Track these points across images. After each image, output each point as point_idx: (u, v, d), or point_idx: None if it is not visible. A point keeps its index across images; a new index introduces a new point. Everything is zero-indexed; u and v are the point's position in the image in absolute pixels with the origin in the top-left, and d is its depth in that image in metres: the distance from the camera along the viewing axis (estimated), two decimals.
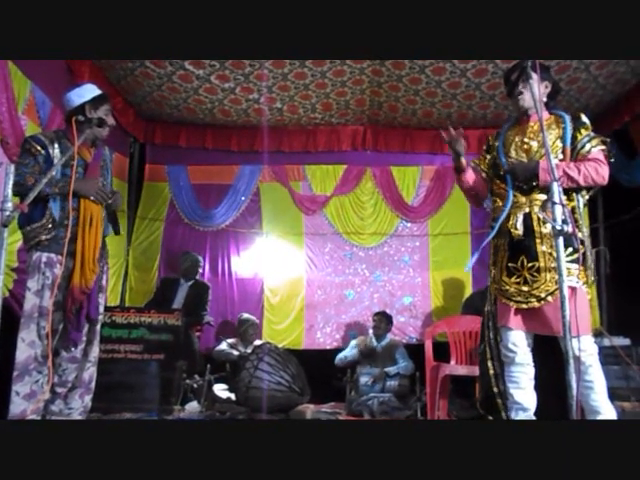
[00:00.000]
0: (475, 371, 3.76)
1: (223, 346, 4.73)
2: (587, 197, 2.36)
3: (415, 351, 4.67)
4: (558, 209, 1.82)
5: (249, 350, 4.52)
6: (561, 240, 1.82)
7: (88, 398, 2.61)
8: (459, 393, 4.07)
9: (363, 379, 4.40)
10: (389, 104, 5.07)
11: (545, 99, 2.37)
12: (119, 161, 5.07)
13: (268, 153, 5.35)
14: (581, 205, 2.32)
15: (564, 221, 1.78)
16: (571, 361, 1.67)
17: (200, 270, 5.06)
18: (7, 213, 1.77)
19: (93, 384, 2.63)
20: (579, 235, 2.18)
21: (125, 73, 4.45)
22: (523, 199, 2.33)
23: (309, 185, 5.59)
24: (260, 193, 5.57)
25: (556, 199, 1.84)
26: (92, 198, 2.48)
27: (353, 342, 4.84)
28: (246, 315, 4.96)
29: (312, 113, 5.24)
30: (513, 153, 2.42)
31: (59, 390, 2.52)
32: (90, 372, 2.60)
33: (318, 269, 5.50)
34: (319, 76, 4.53)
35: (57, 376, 2.48)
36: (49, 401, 2.48)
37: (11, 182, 1.80)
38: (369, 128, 5.57)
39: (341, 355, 4.78)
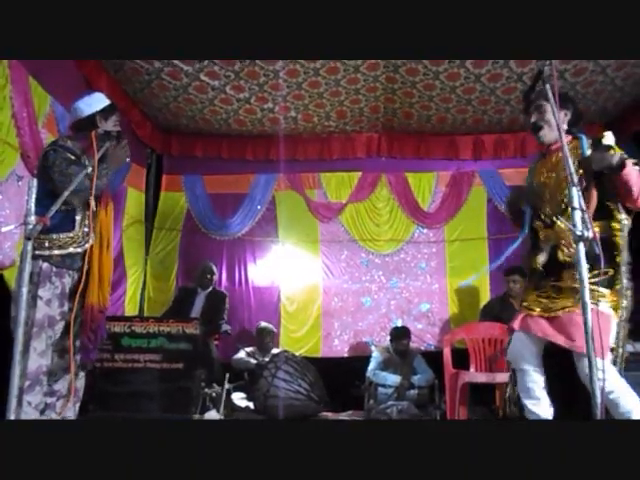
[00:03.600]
0: (494, 378, 3.74)
1: (241, 354, 4.74)
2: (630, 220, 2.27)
3: (433, 358, 4.63)
4: (577, 214, 1.80)
5: (267, 359, 4.53)
6: (582, 246, 1.80)
7: (77, 406, 2.60)
8: (478, 401, 4.03)
9: (381, 387, 4.37)
10: (403, 110, 5.07)
11: (565, 126, 2.33)
12: (137, 172, 5.14)
13: (283, 162, 5.37)
14: (625, 229, 2.25)
15: (584, 227, 1.76)
16: (593, 379, 1.63)
17: (215, 278, 5.05)
18: (30, 226, 1.80)
19: (81, 392, 2.61)
20: (617, 260, 2.16)
21: (142, 85, 4.51)
22: (549, 231, 2.31)
23: (324, 193, 5.61)
24: (276, 202, 5.59)
25: (575, 204, 1.82)
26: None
27: (375, 353, 4.79)
28: (264, 324, 4.97)
29: (327, 121, 5.26)
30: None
31: (49, 400, 2.48)
32: (82, 381, 2.59)
33: (334, 276, 5.50)
34: (333, 84, 4.55)
35: (47, 385, 2.44)
36: (40, 411, 2.44)
37: (34, 195, 1.83)
38: (383, 135, 5.57)
39: (370, 371, 4.66)
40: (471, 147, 5.50)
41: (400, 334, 4.67)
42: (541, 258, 2.30)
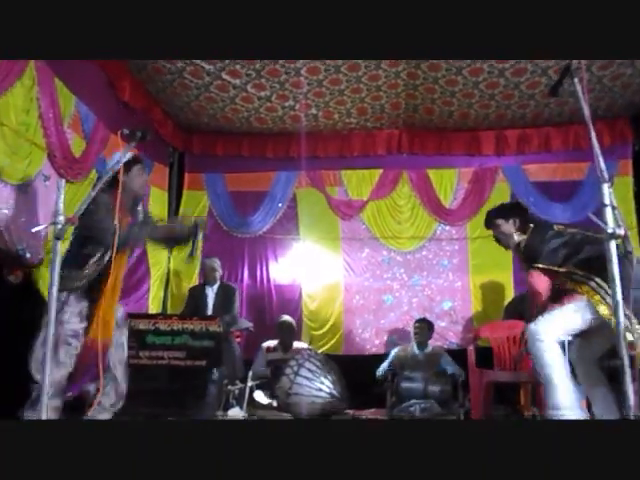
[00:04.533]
0: (520, 378, 3.69)
1: (259, 363, 4.71)
2: None
3: (456, 357, 4.59)
4: (609, 211, 1.77)
5: (288, 353, 4.55)
6: (613, 244, 1.76)
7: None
8: (503, 399, 3.98)
9: (404, 385, 4.34)
10: (425, 107, 5.03)
11: (516, 236, 2.83)
12: (159, 171, 5.19)
13: (304, 159, 5.38)
14: None
15: (617, 225, 1.72)
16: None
17: (218, 274, 4.98)
18: (59, 226, 1.83)
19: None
20: None
21: (164, 85, 4.55)
22: None
23: (345, 190, 5.59)
24: (296, 199, 5.60)
25: (606, 201, 1.79)
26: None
27: (392, 353, 4.78)
28: (284, 317, 4.98)
29: (347, 118, 5.24)
30: None
31: None
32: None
33: (356, 274, 5.49)
34: (354, 81, 4.53)
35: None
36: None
37: (62, 196, 1.86)
38: (405, 131, 5.53)
39: (380, 369, 4.71)
40: (494, 143, 5.42)
41: (421, 323, 4.74)
42: None
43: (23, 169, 3.11)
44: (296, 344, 4.80)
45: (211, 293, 4.90)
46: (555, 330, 2.53)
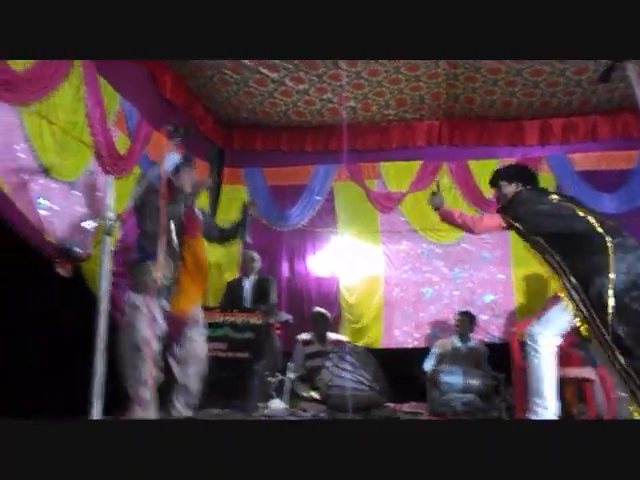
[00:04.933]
0: (566, 373, 3.58)
1: (297, 353, 4.73)
2: None
3: (498, 351, 4.51)
4: None
5: (325, 346, 4.57)
6: None
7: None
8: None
9: (444, 378, 4.30)
10: (466, 96, 4.93)
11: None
12: (200, 166, 5.24)
13: (343, 152, 5.35)
14: None
15: None
16: None
17: (257, 265, 4.99)
18: (109, 222, 1.88)
19: None
20: None
21: (204, 81, 4.61)
22: None
23: (384, 182, 5.55)
24: (335, 192, 5.59)
25: None
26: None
27: (434, 349, 4.73)
28: (317, 309, 4.98)
29: (386, 110, 5.19)
30: None
31: None
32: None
33: (395, 267, 5.45)
34: (393, 72, 4.48)
35: None
36: None
37: (111, 193, 1.91)
38: (445, 122, 5.44)
39: (426, 364, 4.66)
40: (538, 132, 5.27)
41: (463, 315, 4.70)
42: None
43: (71, 166, 3.22)
44: (331, 335, 4.81)
45: (248, 285, 4.94)
46: (552, 336, 2.59)
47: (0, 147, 2.69)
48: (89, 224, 2.58)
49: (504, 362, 4.19)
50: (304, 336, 4.83)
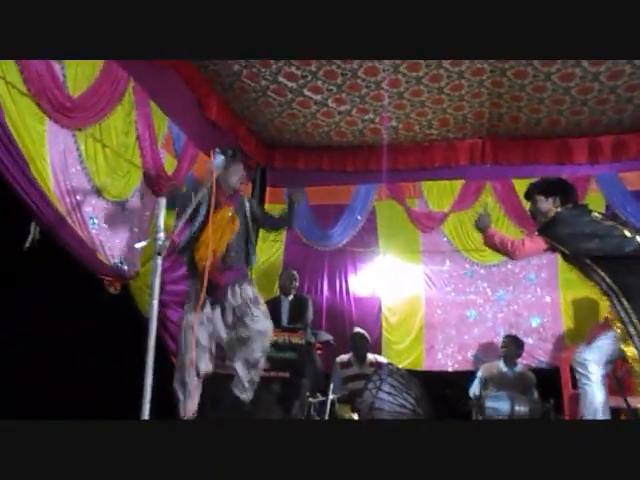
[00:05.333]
0: (621, 402, 3.42)
1: (336, 376, 4.68)
2: None
3: (546, 377, 4.36)
4: None
5: (365, 367, 4.51)
6: None
7: None
8: None
9: (490, 404, 4.17)
10: (510, 115, 4.86)
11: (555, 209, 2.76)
12: (244, 186, 5.34)
13: (384, 171, 5.35)
14: None
15: None
16: None
17: (296, 285, 5.01)
18: (160, 242, 1.93)
19: None
20: None
21: (249, 103, 4.71)
22: None
23: (425, 202, 5.50)
24: (376, 212, 5.57)
25: None
26: None
27: (479, 373, 4.61)
28: (357, 329, 4.93)
29: (428, 129, 5.17)
30: None
31: None
32: None
33: (437, 288, 5.36)
34: (436, 92, 4.47)
35: None
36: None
37: (163, 214, 1.96)
38: (488, 141, 5.36)
39: (472, 389, 4.54)
40: (586, 150, 5.13)
41: (509, 339, 4.57)
42: None
43: (122, 187, 3.32)
44: (372, 357, 4.74)
45: (286, 304, 4.95)
46: (603, 363, 2.54)
47: (57, 169, 2.80)
48: (140, 244, 2.64)
49: (552, 388, 4.05)
50: (343, 357, 4.78)
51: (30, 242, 2.61)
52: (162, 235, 1.91)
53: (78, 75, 2.86)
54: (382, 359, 4.79)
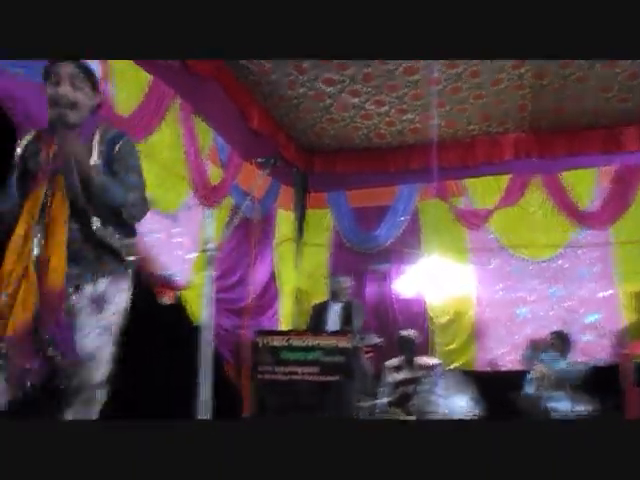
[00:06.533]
0: None
1: (387, 380, 4.65)
2: None
3: (605, 374, 4.21)
4: None
5: (415, 372, 4.46)
6: None
7: None
8: None
9: (549, 404, 4.06)
10: (554, 106, 4.73)
11: None
12: (285, 192, 5.41)
13: (426, 171, 5.30)
14: None
15: None
16: None
17: (347, 290, 5.02)
18: (210, 253, 1.97)
19: None
20: None
21: (288, 110, 4.76)
22: None
23: (470, 199, 5.41)
24: (419, 212, 5.52)
25: None
26: None
27: (532, 373, 4.48)
28: (403, 332, 4.87)
29: (469, 126, 5.10)
30: None
31: None
32: None
33: (485, 286, 5.26)
34: (475, 88, 4.40)
35: None
36: None
37: (212, 226, 2.01)
38: (532, 134, 5.24)
39: (526, 389, 4.42)
40: (637, 138, 4.94)
41: (554, 335, 4.43)
42: None
43: (171, 200, 3.42)
44: (421, 359, 4.68)
45: (335, 310, 4.95)
46: None
47: None
48: (191, 255, 2.71)
49: (611, 385, 3.91)
50: (394, 361, 4.74)
51: None
52: (212, 246, 1.95)
53: (127, 95, 2.96)
54: (433, 360, 4.72)
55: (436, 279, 5.33)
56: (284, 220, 5.38)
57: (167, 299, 3.33)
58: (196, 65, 3.59)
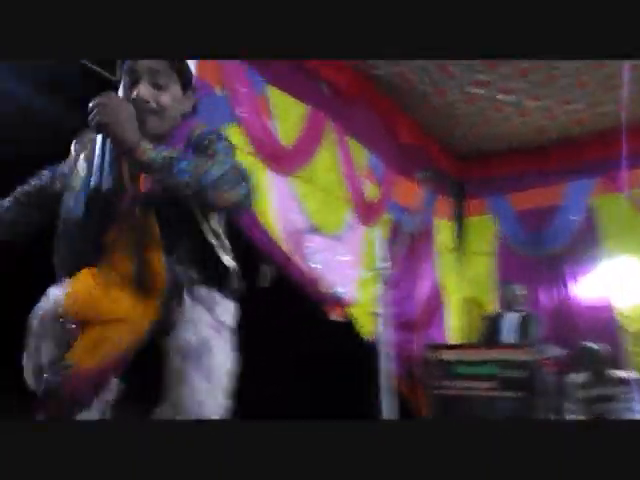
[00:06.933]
0: None
1: (571, 395, 4.23)
2: None
3: None
4: None
5: (610, 387, 3.99)
6: None
7: None
8: None
9: None
10: None
11: None
12: (443, 202, 5.29)
13: (598, 163, 4.82)
14: None
15: None
16: None
17: (522, 299, 4.69)
18: (384, 271, 2.00)
19: None
20: None
21: (438, 120, 4.68)
22: None
23: None
24: (594, 208, 5.01)
25: None
26: None
27: None
28: (588, 344, 4.38)
29: None
30: None
31: None
32: None
33: None
34: None
35: None
36: None
37: (382, 244, 2.04)
38: None
39: None
40: None
41: None
42: None
43: (334, 221, 3.56)
44: (615, 373, 4.18)
45: (510, 320, 4.66)
46: None
47: (279, 213, 3.12)
48: (362, 274, 2.78)
49: None
50: (579, 377, 4.30)
51: (267, 281, 2.93)
52: (385, 265, 1.97)
53: (287, 126, 3.17)
54: (628, 374, 4.20)
55: (623, 282, 4.76)
56: (443, 230, 5.26)
57: (337, 316, 3.44)
58: (340, 84, 3.68)
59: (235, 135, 2.83)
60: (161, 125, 1.33)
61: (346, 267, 3.46)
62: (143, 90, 1.30)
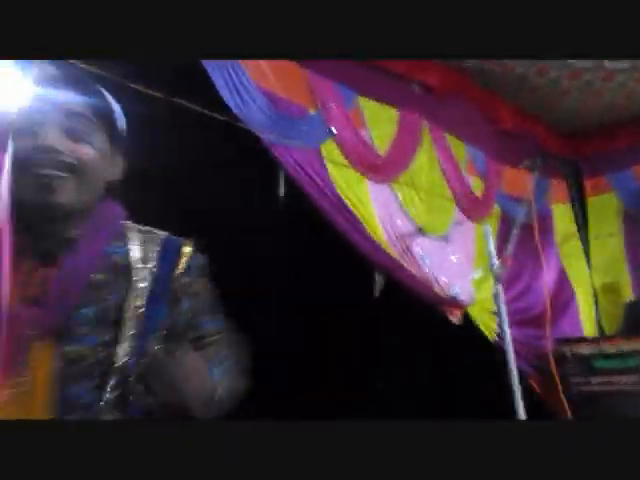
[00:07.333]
0: None
1: None
2: None
3: None
4: None
5: None
6: None
7: None
8: None
9: None
10: None
11: None
12: (557, 186, 4.97)
13: None
14: None
15: None
16: None
17: None
18: (496, 270, 1.92)
19: None
20: None
21: (541, 100, 4.40)
22: None
23: None
24: None
25: None
26: None
27: None
28: None
29: None
30: None
31: None
32: None
33: None
34: None
35: None
36: None
37: (492, 242, 1.96)
38: None
39: None
40: None
41: None
42: None
43: (440, 221, 3.48)
44: None
45: None
46: None
47: (383, 220, 3.13)
48: (475, 273, 2.69)
49: None
50: None
51: (379, 290, 2.94)
52: (496, 262, 1.89)
53: (382, 134, 3.18)
54: None
55: None
56: (562, 215, 4.92)
57: (455, 318, 3.36)
58: (432, 82, 3.60)
59: (333, 152, 2.90)
60: (79, 195, 0.88)
61: (458, 266, 3.37)
62: (53, 136, 0.86)
